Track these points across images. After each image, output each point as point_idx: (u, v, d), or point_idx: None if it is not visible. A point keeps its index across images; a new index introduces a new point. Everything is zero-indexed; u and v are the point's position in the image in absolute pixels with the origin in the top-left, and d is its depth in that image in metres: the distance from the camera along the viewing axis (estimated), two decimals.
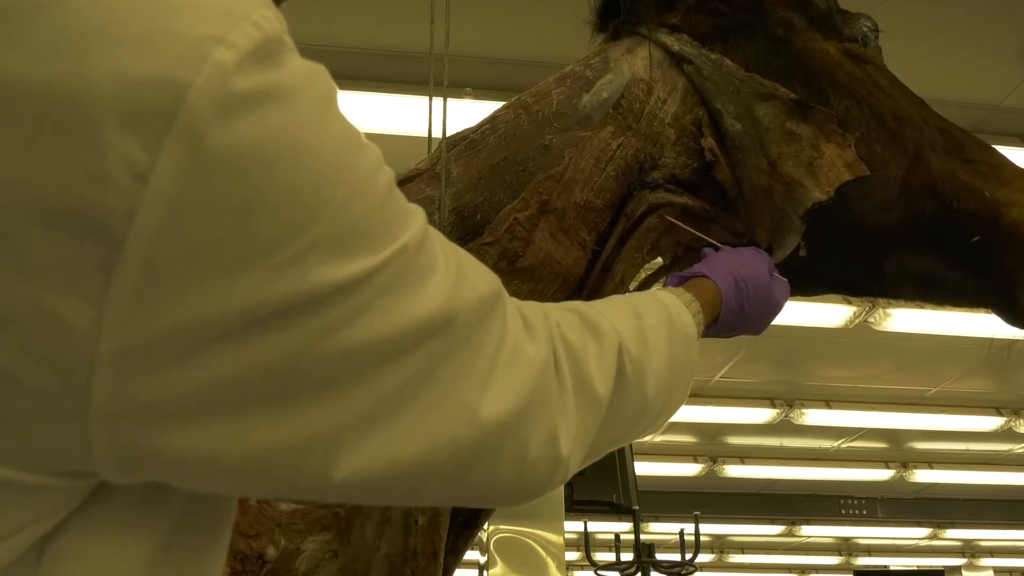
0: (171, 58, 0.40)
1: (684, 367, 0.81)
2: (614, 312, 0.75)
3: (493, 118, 1.06)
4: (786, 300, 0.99)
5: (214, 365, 0.43)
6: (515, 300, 0.62)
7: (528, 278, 0.99)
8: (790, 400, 6.65)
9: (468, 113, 1.35)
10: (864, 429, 7.19)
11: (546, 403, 0.60)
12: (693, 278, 0.93)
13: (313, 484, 0.50)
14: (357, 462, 0.49)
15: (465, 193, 1.00)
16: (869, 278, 1.13)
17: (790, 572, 12.43)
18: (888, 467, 8.29)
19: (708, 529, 8.61)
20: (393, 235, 0.49)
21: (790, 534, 10.02)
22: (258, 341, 0.44)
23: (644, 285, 1.17)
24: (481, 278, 0.57)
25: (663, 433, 7.27)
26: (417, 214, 0.52)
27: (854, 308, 4.76)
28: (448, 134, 1.06)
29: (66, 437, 0.43)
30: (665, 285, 0.93)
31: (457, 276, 0.53)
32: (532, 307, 0.65)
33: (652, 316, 0.79)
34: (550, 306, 0.70)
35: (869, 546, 11.27)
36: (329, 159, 0.45)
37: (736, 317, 0.93)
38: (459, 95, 2.99)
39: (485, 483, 0.57)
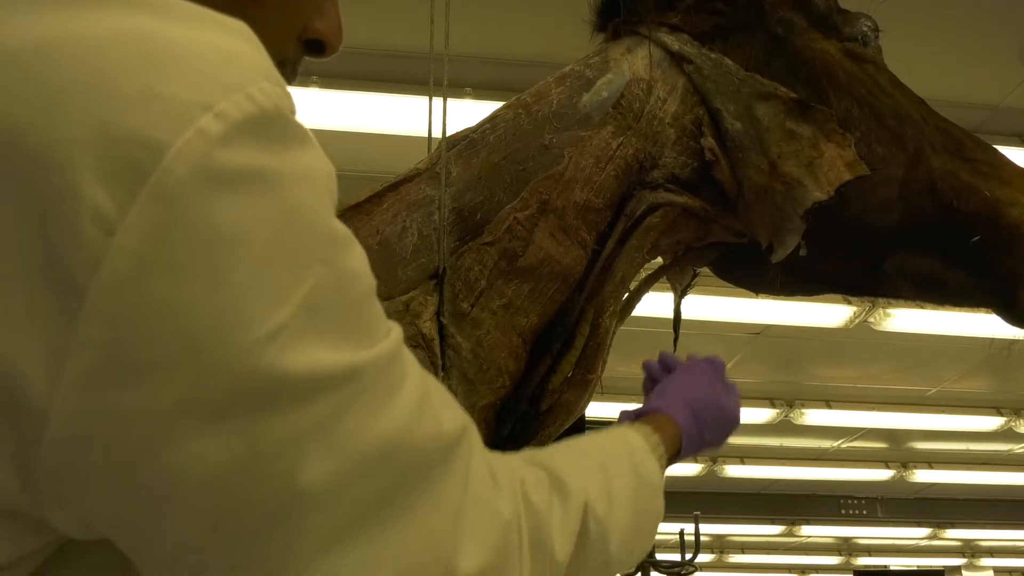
0: (155, 118, 0.40)
1: (649, 519, 0.80)
2: (581, 465, 0.73)
3: (493, 118, 1.06)
4: (739, 409, 1.02)
5: (166, 457, 0.41)
6: (485, 450, 0.58)
7: (528, 278, 0.99)
8: (790, 400, 6.64)
9: (468, 113, 1.35)
10: (864, 429, 7.19)
11: (507, 566, 0.56)
12: (649, 414, 0.91)
13: None
14: None
15: (465, 192, 1.00)
16: (869, 278, 1.13)
17: (790, 572, 12.44)
18: (888, 467, 8.29)
19: (708, 529, 8.61)
20: (368, 340, 0.47)
21: (790, 534, 10.02)
22: (220, 433, 0.42)
23: (644, 285, 1.17)
24: (448, 414, 0.53)
25: None
26: (394, 329, 0.51)
27: (854, 308, 4.76)
28: (448, 134, 1.06)
29: (17, 485, 0.42)
30: (620, 420, 0.92)
31: (420, 404, 0.50)
32: (499, 460, 0.61)
33: (619, 466, 0.77)
34: (517, 460, 0.67)
35: (869, 546, 11.27)
36: (307, 249, 0.44)
37: (696, 445, 0.94)
38: (459, 95, 2.99)
39: None
